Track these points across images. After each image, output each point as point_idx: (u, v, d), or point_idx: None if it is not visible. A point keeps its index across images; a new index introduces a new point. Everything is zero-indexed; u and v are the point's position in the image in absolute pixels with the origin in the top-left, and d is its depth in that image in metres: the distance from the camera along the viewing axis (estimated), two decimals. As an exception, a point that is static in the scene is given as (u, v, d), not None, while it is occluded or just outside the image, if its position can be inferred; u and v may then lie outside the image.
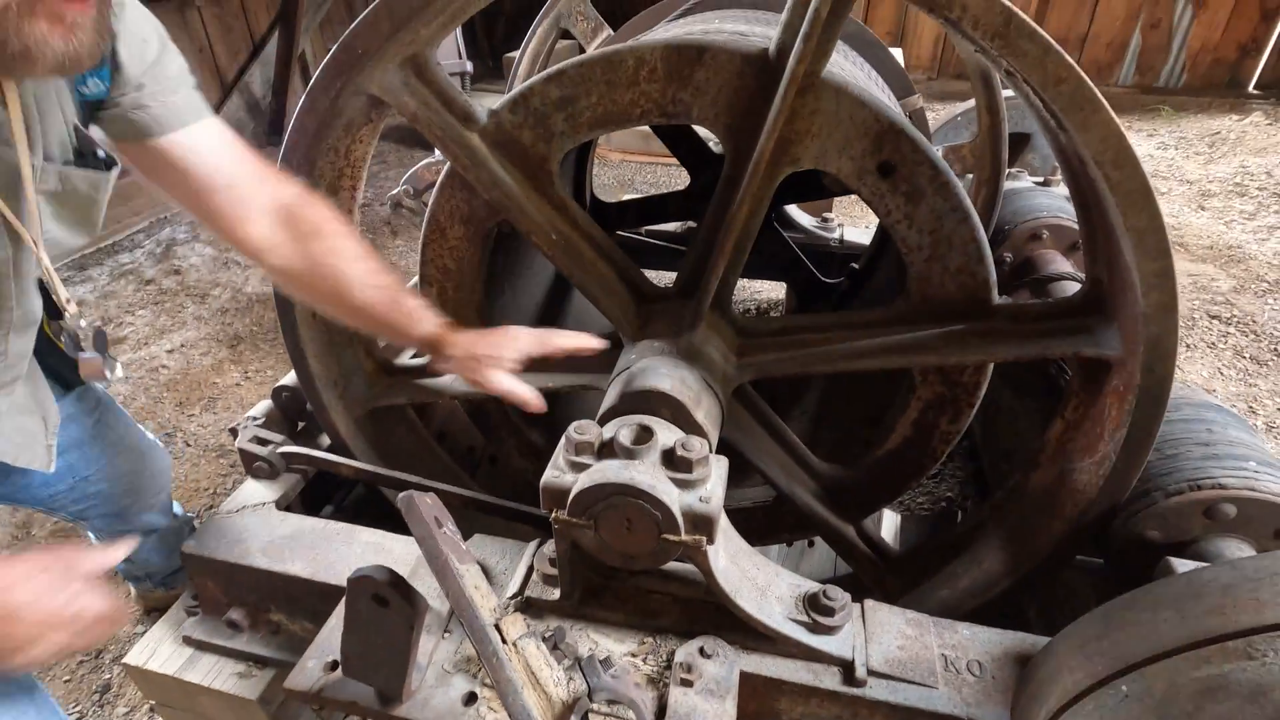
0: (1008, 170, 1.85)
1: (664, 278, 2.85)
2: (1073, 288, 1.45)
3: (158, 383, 2.43)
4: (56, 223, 0.90)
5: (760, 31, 1.21)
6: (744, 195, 0.92)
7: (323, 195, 1.02)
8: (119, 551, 0.75)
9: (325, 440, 1.33)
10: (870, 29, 1.60)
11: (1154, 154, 4.57)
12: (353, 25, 0.82)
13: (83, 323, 1.01)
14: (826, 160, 0.91)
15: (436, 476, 1.36)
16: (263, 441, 1.22)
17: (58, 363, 1.08)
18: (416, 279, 1.17)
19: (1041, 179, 1.90)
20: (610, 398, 0.95)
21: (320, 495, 1.38)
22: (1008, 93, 1.98)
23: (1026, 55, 0.66)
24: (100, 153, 0.89)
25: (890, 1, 6.28)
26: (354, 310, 0.99)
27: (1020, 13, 0.64)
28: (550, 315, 1.61)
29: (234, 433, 1.25)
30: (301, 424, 1.34)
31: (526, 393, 1.00)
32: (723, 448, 1.07)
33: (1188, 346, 2.55)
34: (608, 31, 1.57)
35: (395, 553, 1.07)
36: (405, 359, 1.35)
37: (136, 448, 1.29)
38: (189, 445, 2.14)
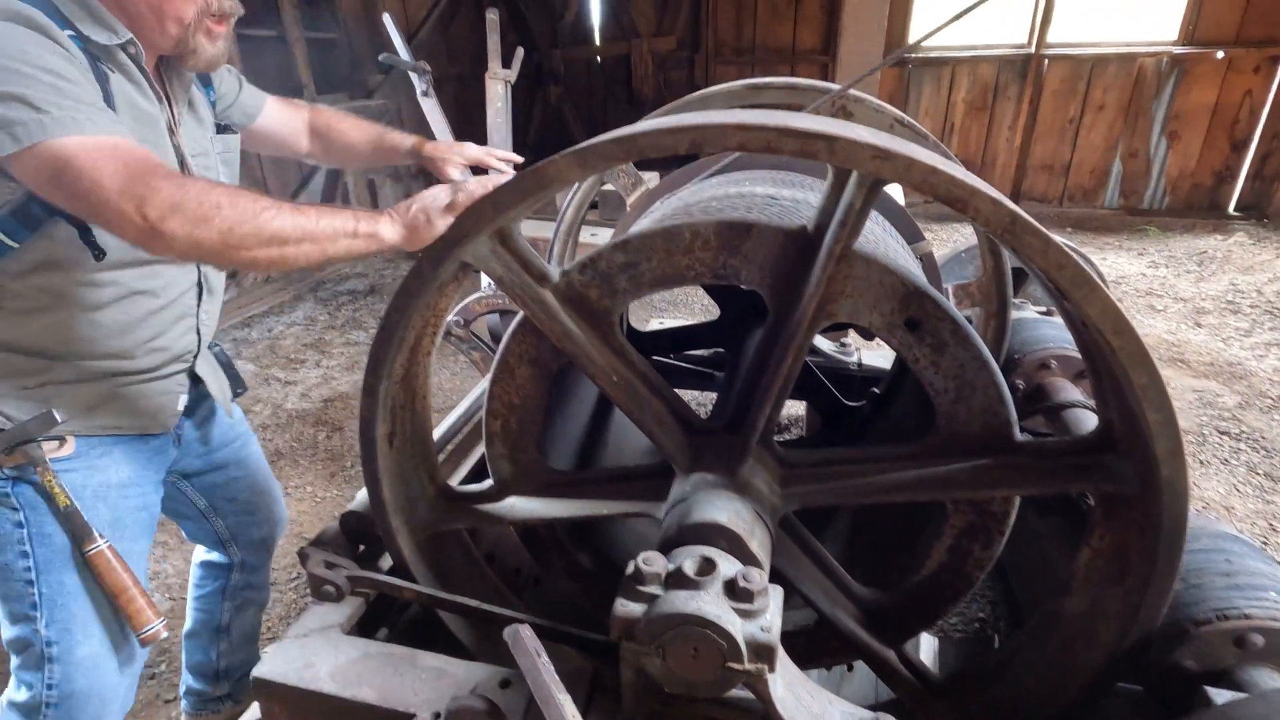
0: (1013, 302, 2.00)
1: (687, 394, 2.96)
2: (1085, 417, 1.55)
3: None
4: (225, 168, 1.36)
5: (788, 195, 1.39)
6: (790, 349, 1.04)
7: (410, 340, 1.16)
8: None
9: (383, 563, 1.40)
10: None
11: (1146, 272, 4.81)
12: (463, 211, 0.98)
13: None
14: (859, 316, 1.04)
15: (486, 597, 1.42)
16: (330, 565, 1.29)
17: (228, 369, 1.49)
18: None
19: (1045, 309, 2.05)
20: (669, 528, 1.03)
21: (376, 617, 1.42)
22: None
23: (1031, 247, 0.80)
24: (220, 126, 1.39)
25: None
26: (365, 156, 1.64)
27: (1022, 214, 0.79)
28: (594, 439, 1.71)
29: (302, 556, 1.32)
30: (362, 547, 1.41)
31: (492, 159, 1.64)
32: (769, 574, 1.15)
33: (1201, 463, 2.61)
34: (645, 186, 1.77)
35: (459, 677, 1.12)
36: (460, 484, 1.44)
37: (261, 472, 1.64)
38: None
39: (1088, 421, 1.55)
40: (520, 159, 1.66)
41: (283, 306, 4.59)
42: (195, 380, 1.36)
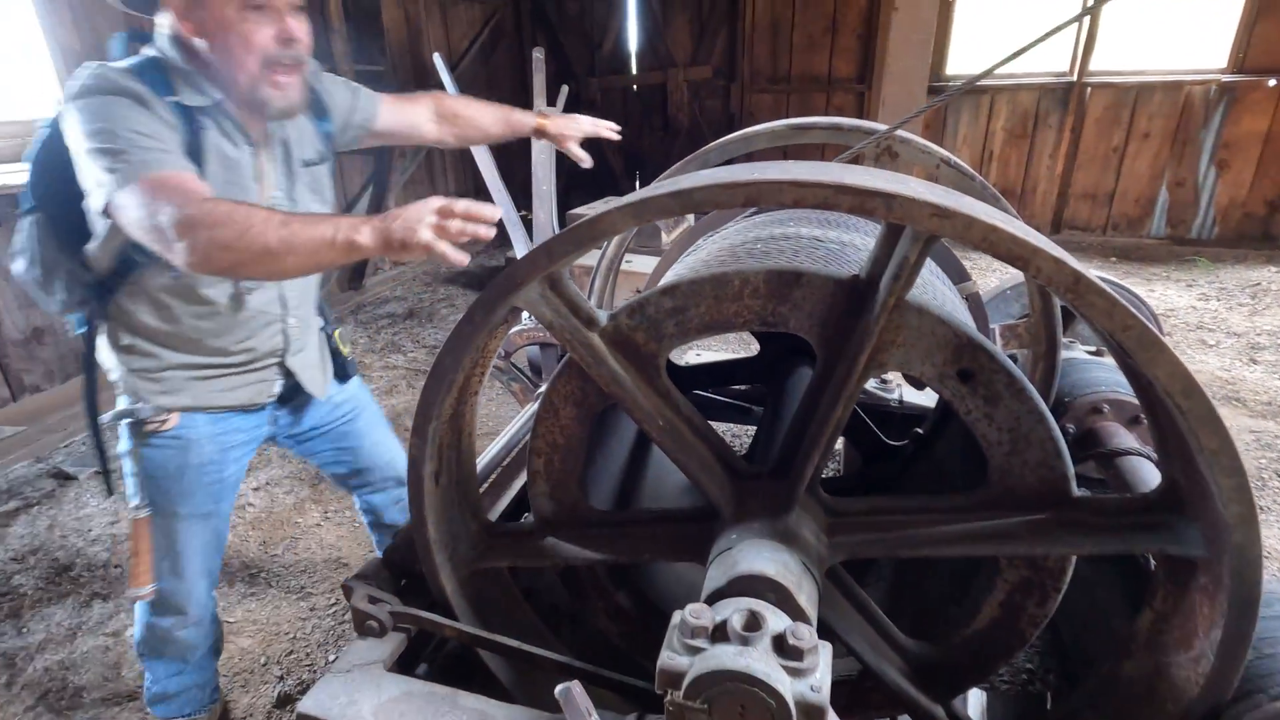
0: (1062, 342, 1.96)
1: (724, 428, 2.94)
2: (1142, 466, 1.50)
3: (244, 520, 2.56)
4: (311, 195, 1.50)
5: (834, 237, 1.39)
6: (840, 398, 1.03)
7: (460, 381, 1.17)
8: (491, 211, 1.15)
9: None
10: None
11: (1196, 305, 4.66)
12: (517, 260, 1.00)
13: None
14: (910, 366, 1.03)
15: (524, 634, 1.42)
16: (374, 600, 1.30)
17: (336, 359, 1.69)
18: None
19: (1094, 349, 2.00)
20: (715, 579, 1.02)
21: (416, 652, 1.43)
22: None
23: (1095, 306, 0.78)
24: (323, 155, 1.53)
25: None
26: (496, 134, 1.82)
27: (1086, 273, 0.77)
28: (633, 477, 1.71)
29: (346, 590, 1.34)
30: (404, 581, 1.42)
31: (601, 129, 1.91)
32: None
33: (1262, 510, 2.51)
34: (688, 223, 1.78)
35: (499, 719, 1.12)
36: (500, 518, 1.44)
37: (369, 441, 1.77)
38: (271, 586, 2.23)
39: (1144, 470, 1.50)
40: (618, 127, 1.93)
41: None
42: (288, 372, 1.56)
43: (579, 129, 1.86)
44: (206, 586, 1.60)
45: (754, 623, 0.90)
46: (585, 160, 1.87)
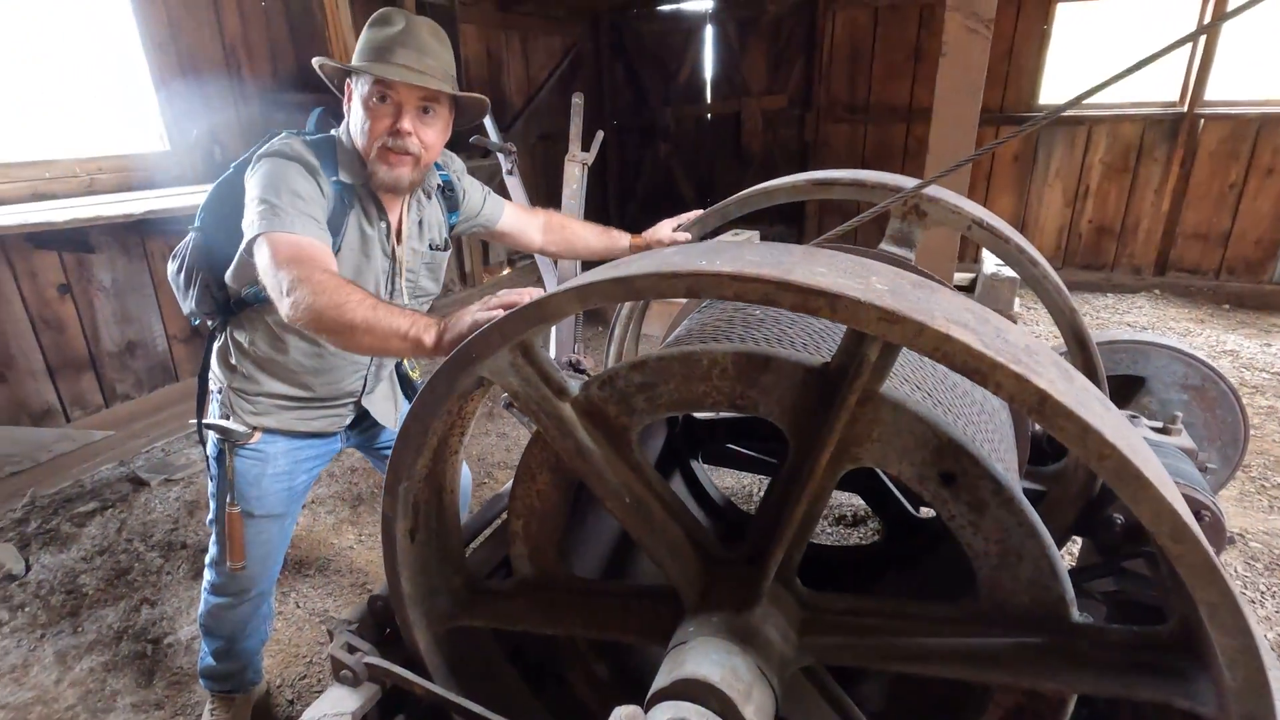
0: (1123, 414, 1.78)
1: (744, 480, 2.85)
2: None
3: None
4: (428, 274, 1.71)
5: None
6: (807, 489, 0.96)
7: (433, 444, 1.18)
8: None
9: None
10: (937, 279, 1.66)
11: (1321, 365, 4.16)
12: (471, 336, 1.00)
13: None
14: (887, 463, 0.95)
15: (503, 694, 1.40)
16: (352, 649, 1.31)
17: (405, 383, 1.87)
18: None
19: (1159, 424, 1.80)
20: (660, 678, 0.97)
21: (397, 700, 1.43)
22: (1116, 334, 1.94)
23: (1066, 431, 0.69)
24: (447, 244, 1.75)
25: (1011, 191, 6.40)
26: (592, 251, 1.99)
27: (1054, 394, 0.68)
28: (627, 544, 1.67)
29: (330, 634, 1.36)
30: (389, 630, 1.43)
31: (679, 237, 1.92)
32: (781, 728, 1.05)
33: (1375, 616, 2.17)
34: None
35: (448, 794, 1.09)
36: (487, 578, 1.43)
37: None
38: (298, 607, 2.31)
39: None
40: (700, 212, 1.97)
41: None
42: (361, 406, 1.75)
43: (660, 237, 1.95)
44: (265, 573, 1.78)
45: (684, 736, 0.84)
46: (683, 238, 1.97)
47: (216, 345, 1.67)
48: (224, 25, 4.00)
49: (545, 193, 7.05)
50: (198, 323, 1.71)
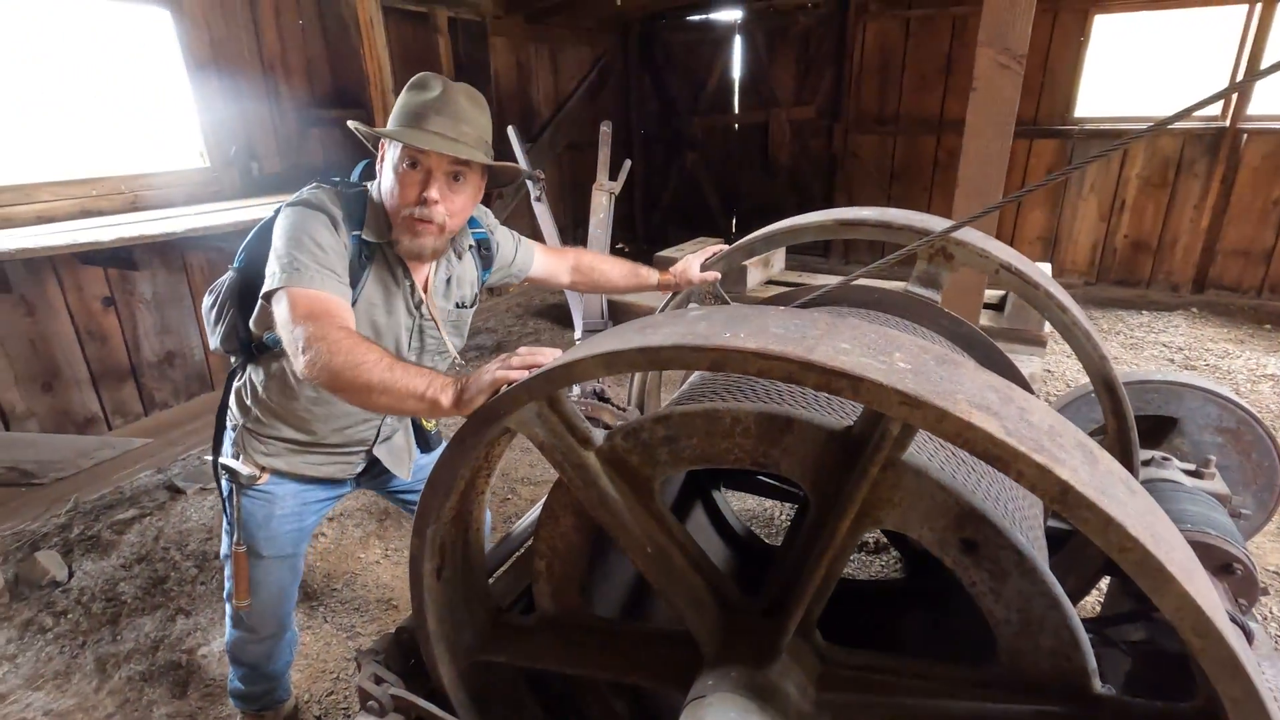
0: (1154, 456, 1.75)
1: (765, 504, 2.84)
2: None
3: (314, 550, 2.74)
4: (453, 332, 1.71)
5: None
6: (828, 550, 0.97)
7: (460, 487, 1.20)
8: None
9: (432, 678, 1.44)
10: (974, 327, 1.65)
11: (1370, 393, 4.02)
12: (500, 393, 1.02)
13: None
14: (908, 527, 0.95)
15: (525, 727, 1.42)
16: (378, 680, 1.35)
17: (420, 433, 1.87)
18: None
19: (1191, 467, 1.77)
20: (681, 732, 0.98)
21: (419, 730, 1.47)
22: (1149, 374, 1.91)
23: (1088, 523, 0.69)
24: (476, 300, 1.76)
25: (1044, 205, 6.30)
26: (620, 289, 2.01)
27: (1076, 486, 0.68)
28: (644, 584, 1.68)
29: (358, 665, 1.40)
30: (414, 660, 1.47)
31: (708, 278, 1.92)
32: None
33: None
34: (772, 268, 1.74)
35: (469, 833, 1.12)
36: (511, 613, 1.46)
37: None
38: (326, 622, 2.37)
39: (1226, 636, 1.31)
40: (724, 246, 1.97)
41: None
42: (373, 456, 1.76)
43: (690, 276, 1.93)
44: (278, 613, 1.79)
45: (702, 799, 0.86)
46: (712, 278, 1.95)
47: (236, 384, 1.67)
48: (263, 44, 4.11)
49: (572, 203, 7.10)
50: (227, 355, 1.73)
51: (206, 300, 1.68)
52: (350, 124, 1.56)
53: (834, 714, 1.04)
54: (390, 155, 1.48)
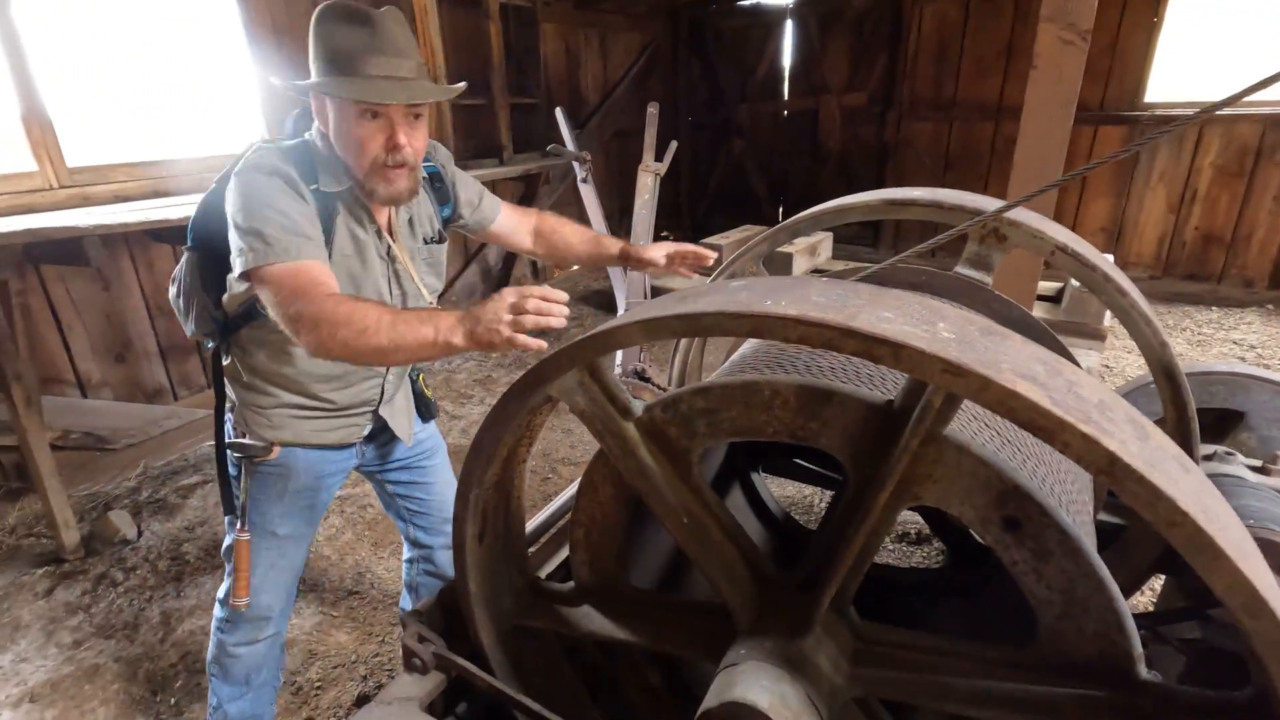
0: (1217, 450, 1.68)
1: (805, 490, 2.82)
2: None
3: (363, 520, 2.84)
4: (429, 270, 1.67)
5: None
6: (865, 524, 0.97)
7: (502, 454, 1.24)
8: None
9: (472, 640, 1.49)
10: (1024, 310, 1.60)
11: None
12: (542, 359, 1.05)
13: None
14: (948, 504, 0.94)
15: (562, 694, 1.46)
16: (422, 639, 1.40)
17: (420, 401, 1.83)
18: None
19: (1258, 463, 1.69)
20: (710, 698, 0.99)
21: (462, 690, 1.52)
22: (1214, 365, 1.83)
23: (1137, 496, 0.67)
24: (442, 235, 1.70)
25: (1108, 194, 6.04)
26: (580, 257, 1.92)
27: (1124, 458, 0.67)
28: (682, 557, 1.70)
29: (404, 624, 1.45)
30: (457, 623, 1.51)
31: (677, 266, 1.85)
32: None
33: None
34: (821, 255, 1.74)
35: (505, 785, 1.16)
36: (550, 581, 1.49)
37: (438, 484, 1.91)
38: (373, 588, 2.46)
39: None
40: (707, 255, 1.83)
41: (465, 340, 5.10)
42: (379, 417, 1.71)
43: (657, 256, 1.84)
44: (284, 606, 1.74)
45: (732, 761, 0.87)
46: (660, 264, 1.86)
47: (225, 364, 1.60)
48: (322, 30, 4.23)
49: (619, 190, 7.12)
50: (207, 344, 1.62)
51: (171, 290, 1.60)
52: (277, 82, 1.45)
53: (867, 688, 1.04)
54: (337, 107, 1.39)
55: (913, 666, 1.03)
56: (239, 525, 1.60)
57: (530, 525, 1.70)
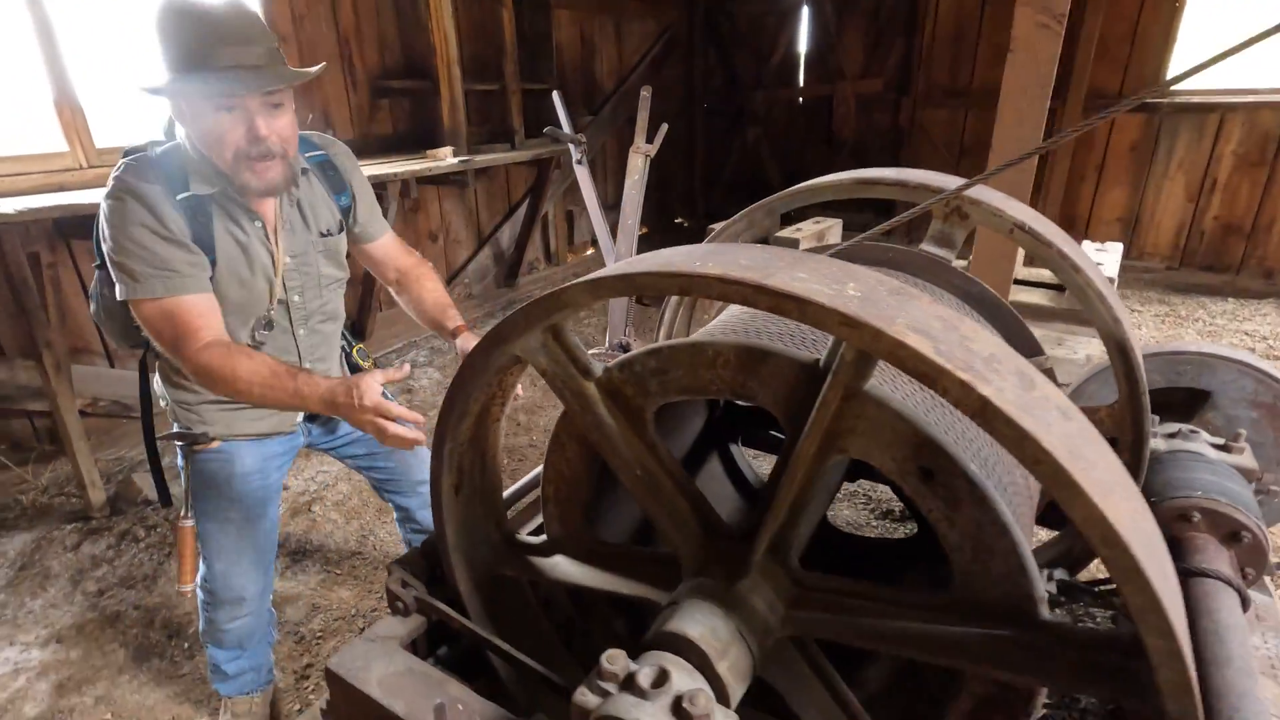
0: (1181, 428, 1.72)
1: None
2: (1220, 596, 1.31)
3: (368, 487, 2.97)
4: (326, 261, 1.68)
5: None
6: (796, 475, 1.05)
7: (474, 411, 1.33)
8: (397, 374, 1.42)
9: (454, 589, 1.59)
10: (991, 289, 1.65)
11: None
12: (502, 320, 1.14)
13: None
14: (871, 456, 1.02)
15: (537, 642, 1.56)
16: (405, 584, 1.51)
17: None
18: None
19: (1221, 441, 1.73)
20: (652, 630, 1.08)
21: (443, 633, 1.63)
22: (1181, 345, 1.87)
23: (1006, 438, 0.75)
24: (342, 225, 1.71)
25: (1124, 183, 5.96)
26: (420, 315, 1.85)
27: (995, 401, 0.74)
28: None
29: (389, 571, 1.56)
30: (437, 571, 1.62)
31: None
32: (768, 693, 1.15)
33: None
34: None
35: (471, 710, 1.26)
36: (525, 535, 1.59)
37: (398, 452, 1.94)
38: (375, 550, 2.59)
39: (1219, 600, 1.31)
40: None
41: (476, 322, 5.22)
42: None
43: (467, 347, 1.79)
44: (258, 583, 1.76)
45: (660, 680, 0.96)
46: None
47: (157, 366, 1.63)
48: (339, 18, 4.34)
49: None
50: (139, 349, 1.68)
51: (91, 307, 1.61)
52: (139, 87, 1.38)
53: (800, 628, 1.12)
54: (191, 106, 1.36)
55: (844, 610, 1.11)
56: (181, 513, 1.68)
57: (515, 487, 1.81)
